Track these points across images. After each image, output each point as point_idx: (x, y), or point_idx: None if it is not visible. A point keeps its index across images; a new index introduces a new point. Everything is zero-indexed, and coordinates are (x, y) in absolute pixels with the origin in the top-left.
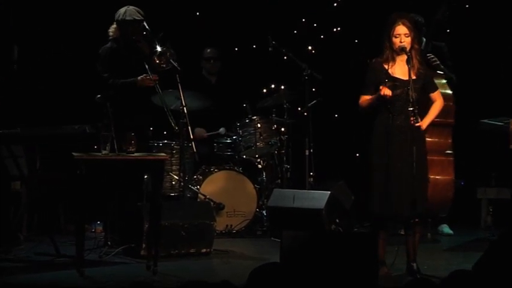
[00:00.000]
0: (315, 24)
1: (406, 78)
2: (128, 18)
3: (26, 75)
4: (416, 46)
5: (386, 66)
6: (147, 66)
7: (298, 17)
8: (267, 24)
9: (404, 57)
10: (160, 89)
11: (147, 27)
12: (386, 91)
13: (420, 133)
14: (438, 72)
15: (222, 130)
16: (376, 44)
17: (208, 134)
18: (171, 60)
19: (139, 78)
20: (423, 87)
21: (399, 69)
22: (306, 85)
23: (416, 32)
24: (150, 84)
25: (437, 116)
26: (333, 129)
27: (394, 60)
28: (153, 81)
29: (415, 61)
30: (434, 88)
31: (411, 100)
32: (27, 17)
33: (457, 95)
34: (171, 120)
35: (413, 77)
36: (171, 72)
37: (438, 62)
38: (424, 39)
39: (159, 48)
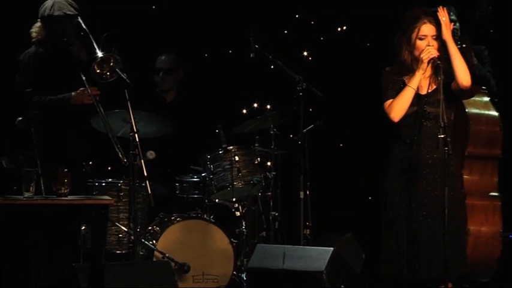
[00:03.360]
0: (312, 22)
1: (431, 91)
2: (56, 13)
3: None
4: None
5: (403, 78)
6: (84, 78)
7: (290, 11)
8: (248, 21)
9: (428, 68)
10: (102, 109)
11: (83, 25)
12: (431, 50)
13: (455, 169)
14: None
15: (149, 154)
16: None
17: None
18: (117, 70)
19: (73, 93)
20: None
21: (423, 81)
22: (300, 104)
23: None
24: (88, 102)
25: (479, 146)
26: (336, 164)
27: (412, 71)
28: (93, 96)
29: (450, 38)
30: None
31: (442, 124)
32: None
33: (503, 115)
34: (117, 151)
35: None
36: (117, 86)
37: None
38: (459, 42)
39: (100, 54)
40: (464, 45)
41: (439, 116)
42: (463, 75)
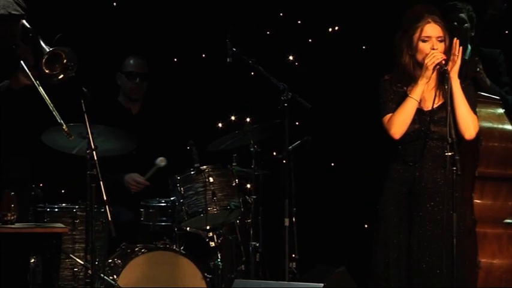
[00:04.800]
0: (299, 21)
1: (436, 106)
2: (0, 11)
3: None
4: (456, 57)
5: (403, 88)
6: (23, 63)
7: (273, 9)
8: (225, 20)
9: (433, 76)
10: (44, 91)
11: (28, 25)
12: (437, 55)
13: (464, 192)
14: (490, 96)
15: (159, 160)
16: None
17: (147, 175)
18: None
19: (11, 79)
20: None
21: (427, 93)
22: (285, 117)
23: (454, 34)
24: (28, 82)
25: (492, 165)
26: (327, 186)
27: (415, 79)
28: (32, 77)
29: (455, 77)
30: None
31: (450, 141)
32: None
33: None
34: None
35: (459, 92)
36: (72, 95)
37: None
38: (469, 46)
39: (47, 49)
40: (478, 69)
41: (446, 136)
42: (466, 127)
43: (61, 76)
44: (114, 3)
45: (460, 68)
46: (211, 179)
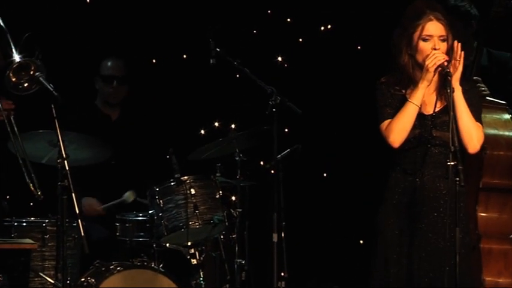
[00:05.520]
0: (288, 19)
1: (438, 110)
2: None
3: None
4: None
5: (402, 91)
6: None
7: (261, 6)
8: (208, 18)
9: (434, 78)
10: (16, 129)
11: (1, 24)
12: (438, 55)
13: (467, 204)
14: (495, 101)
15: (127, 196)
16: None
17: (106, 205)
18: (41, 79)
19: None
20: None
21: (428, 96)
22: (273, 123)
23: (457, 34)
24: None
25: (498, 175)
26: (319, 198)
27: (415, 82)
28: (6, 111)
29: (456, 85)
30: (473, 116)
31: (452, 149)
32: None
33: None
34: (28, 181)
35: (461, 102)
36: (40, 99)
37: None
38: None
39: (17, 58)
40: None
41: (449, 142)
42: (469, 139)
43: (26, 86)
44: (88, 0)
45: (464, 70)
46: (192, 191)
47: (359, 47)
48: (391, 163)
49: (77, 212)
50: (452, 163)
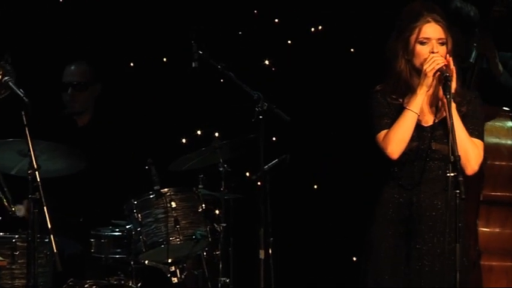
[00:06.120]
0: (276, 20)
1: (438, 121)
2: None
3: None
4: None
5: (399, 100)
6: None
7: (247, 6)
8: (190, 19)
9: (433, 84)
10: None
11: None
12: (437, 59)
13: (466, 218)
14: (498, 108)
15: (18, 209)
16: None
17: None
18: (10, 83)
19: None
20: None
21: (425, 107)
22: (260, 131)
23: (455, 37)
24: None
25: (499, 187)
26: (308, 212)
27: (412, 89)
28: None
29: (456, 90)
30: (473, 132)
31: (452, 159)
32: None
33: None
34: (0, 196)
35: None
36: (11, 107)
37: None
38: (475, 50)
39: None
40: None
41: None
42: (466, 160)
43: None
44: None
45: (464, 74)
46: (173, 204)
47: (352, 50)
48: (384, 177)
49: (49, 226)
50: (452, 174)
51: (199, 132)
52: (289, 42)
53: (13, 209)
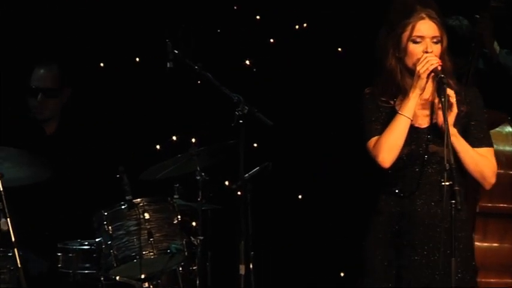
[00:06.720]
0: (258, 17)
1: (435, 122)
2: None
3: None
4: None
5: (390, 102)
6: None
7: (226, 2)
8: (164, 16)
9: (427, 85)
10: None
11: None
12: (431, 59)
13: (465, 231)
14: (495, 111)
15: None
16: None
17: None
18: None
19: None
20: (463, 134)
21: (421, 108)
22: (240, 136)
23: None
24: None
25: (497, 198)
26: (292, 224)
27: (404, 91)
28: None
29: (452, 92)
30: (482, 141)
31: (447, 167)
32: None
33: None
34: None
35: (451, 122)
36: None
37: None
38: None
39: None
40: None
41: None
42: (482, 179)
43: None
44: None
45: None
46: (146, 216)
47: (340, 49)
48: (379, 184)
49: (13, 239)
50: (447, 183)
51: (174, 138)
52: (271, 40)
53: None
